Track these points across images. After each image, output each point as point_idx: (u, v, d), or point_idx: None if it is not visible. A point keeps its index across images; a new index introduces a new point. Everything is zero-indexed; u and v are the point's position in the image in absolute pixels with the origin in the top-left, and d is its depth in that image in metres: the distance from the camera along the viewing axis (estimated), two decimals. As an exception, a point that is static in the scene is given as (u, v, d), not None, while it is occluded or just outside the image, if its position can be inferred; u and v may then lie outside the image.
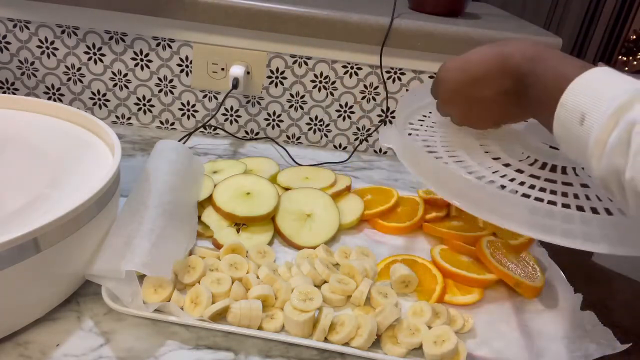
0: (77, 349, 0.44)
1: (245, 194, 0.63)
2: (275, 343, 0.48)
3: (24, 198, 0.46)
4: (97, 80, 0.85)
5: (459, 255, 0.61)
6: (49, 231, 0.41)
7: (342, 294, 0.52)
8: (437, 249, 0.62)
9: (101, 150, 0.55)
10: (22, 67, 0.83)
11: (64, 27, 0.80)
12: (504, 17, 1.02)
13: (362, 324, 0.47)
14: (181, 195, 0.60)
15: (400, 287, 0.55)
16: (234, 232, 0.60)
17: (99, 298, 0.47)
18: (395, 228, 0.66)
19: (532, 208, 0.45)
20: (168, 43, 0.81)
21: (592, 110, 0.37)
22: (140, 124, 0.89)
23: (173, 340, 0.47)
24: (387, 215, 0.68)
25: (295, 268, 0.55)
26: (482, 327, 0.53)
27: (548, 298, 0.58)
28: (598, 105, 0.37)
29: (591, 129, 0.37)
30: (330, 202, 0.65)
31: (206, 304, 0.48)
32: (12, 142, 0.55)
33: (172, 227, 0.54)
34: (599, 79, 0.39)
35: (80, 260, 0.48)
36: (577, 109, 0.39)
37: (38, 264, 0.42)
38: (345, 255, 0.59)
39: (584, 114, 0.38)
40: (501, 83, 0.48)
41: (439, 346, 0.47)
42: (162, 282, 0.49)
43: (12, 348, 0.43)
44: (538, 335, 0.52)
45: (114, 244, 0.50)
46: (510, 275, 0.56)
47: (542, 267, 0.61)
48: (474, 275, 0.57)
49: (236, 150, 0.85)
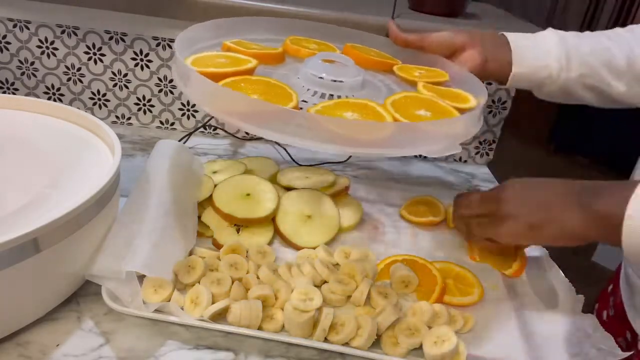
0: (77, 349, 0.44)
1: (245, 195, 0.63)
2: (275, 343, 0.48)
3: (24, 198, 0.46)
4: (97, 80, 0.85)
5: None
6: (49, 231, 0.41)
7: (342, 294, 0.52)
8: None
9: (101, 150, 0.55)
10: (22, 67, 0.83)
11: (64, 27, 0.80)
12: (504, 17, 1.02)
13: (362, 324, 0.47)
14: (181, 195, 0.60)
15: (400, 287, 0.55)
16: (234, 232, 0.60)
17: (99, 298, 0.47)
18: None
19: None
20: (168, 43, 0.81)
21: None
22: (140, 124, 0.89)
23: (173, 340, 0.47)
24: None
25: (295, 268, 0.55)
26: (482, 327, 0.53)
27: (548, 298, 0.57)
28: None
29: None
30: (330, 202, 0.65)
31: (206, 304, 0.48)
32: (12, 142, 0.55)
33: (172, 228, 0.54)
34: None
35: (80, 260, 0.48)
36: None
37: (38, 264, 0.42)
38: (345, 255, 0.59)
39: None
40: (567, 194, 0.48)
41: (439, 346, 0.47)
42: (162, 282, 0.49)
43: (12, 348, 0.43)
44: (538, 336, 0.52)
45: (114, 244, 0.50)
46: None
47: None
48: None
49: (236, 150, 0.85)
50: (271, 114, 0.47)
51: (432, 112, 0.53)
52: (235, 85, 0.51)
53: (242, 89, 0.50)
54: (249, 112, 0.47)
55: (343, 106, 0.52)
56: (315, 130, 0.46)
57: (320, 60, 0.58)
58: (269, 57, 0.61)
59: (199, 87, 0.49)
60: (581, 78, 0.60)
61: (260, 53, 0.60)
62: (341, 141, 0.46)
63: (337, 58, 0.59)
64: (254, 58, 0.57)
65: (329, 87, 0.56)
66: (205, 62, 0.54)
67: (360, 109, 0.51)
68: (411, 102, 0.55)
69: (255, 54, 0.59)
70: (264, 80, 0.53)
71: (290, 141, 0.46)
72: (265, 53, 0.61)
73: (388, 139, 0.48)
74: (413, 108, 0.53)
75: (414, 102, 0.55)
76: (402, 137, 0.48)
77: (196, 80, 0.49)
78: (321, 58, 0.59)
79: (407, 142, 0.48)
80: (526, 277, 0.61)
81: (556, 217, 0.48)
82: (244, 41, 0.63)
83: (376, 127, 0.48)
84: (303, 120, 0.46)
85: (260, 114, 0.47)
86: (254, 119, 0.47)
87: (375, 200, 0.73)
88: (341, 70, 0.58)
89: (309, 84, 0.57)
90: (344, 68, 0.58)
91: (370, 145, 0.47)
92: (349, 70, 0.58)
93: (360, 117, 0.50)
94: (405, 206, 0.72)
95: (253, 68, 0.55)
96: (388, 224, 0.69)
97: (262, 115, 0.47)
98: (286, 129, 0.46)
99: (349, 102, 0.53)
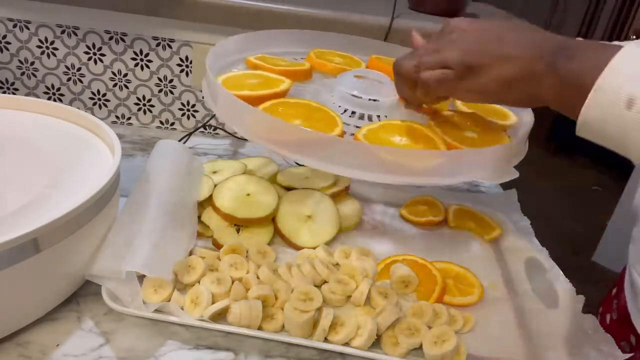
0: (77, 349, 0.44)
1: (245, 195, 0.63)
2: (275, 343, 0.48)
3: (24, 198, 0.46)
4: (97, 80, 0.85)
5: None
6: (49, 231, 0.41)
7: (342, 294, 0.52)
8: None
9: (101, 150, 0.55)
10: (22, 67, 0.83)
11: (64, 27, 0.80)
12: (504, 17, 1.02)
13: (362, 324, 0.47)
14: (181, 195, 0.60)
15: (400, 287, 0.55)
16: (234, 232, 0.60)
17: (99, 298, 0.47)
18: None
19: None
20: (168, 43, 0.81)
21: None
22: (140, 124, 0.89)
23: (173, 340, 0.47)
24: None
25: (295, 268, 0.55)
26: (482, 327, 0.53)
27: (548, 298, 0.57)
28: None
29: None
30: (330, 203, 0.65)
31: (206, 304, 0.48)
32: (12, 142, 0.55)
33: (172, 228, 0.54)
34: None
35: (80, 260, 0.48)
36: (621, 92, 0.35)
37: (38, 264, 0.42)
38: (345, 255, 0.59)
39: (633, 97, 0.35)
40: (531, 37, 0.42)
41: (439, 346, 0.47)
42: (162, 282, 0.49)
43: (12, 348, 0.43)
44: (538, 337, 0.52)
45: (114, 244, 0.50)
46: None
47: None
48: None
49: (236, 150, 0.85)
50: (318, 142, 0.44)
51: (478, 132, 0.51)
52: (274, 110, 0.49)
53: (281, 114, 0.48)
54: (295, 140, 0.45)
55: (389, 129, 0.49)
56: (365, 159, 0.43)
57: (353, 77, 0.56)
58: (298, 74, 0.60)
59: (238, 112, 0.47)
60: None
61: (289, 71, 0.59)
62: (393, 170, 0.44)
63: (370, 74, 0.57)
64: (285, 76, 0.56)
65: (366, 106, 0.54)
66: (237, 83, 0.53)
67: (407, 132, 0.49)
68: (456, 122, 0.53)
69: (285, 72, 0.58)
70: (302, 103, 0.52)
71: (338, 171, 0.43)
72: (295, 70, 0.60)
73: (441, 165, 0.45)
74: (459, 129, 0.51)
75: (459, 122, 0.53)
76: (457, 164, 0.46)
77: (235, 105, 0.47)
78: (355, 74, 0.56)
79: (461, 169, 0.46)
80: (526, 277, 0.61)
81: (517, 59, 0.41)
82: (266, 56, 0.63)
83: (433, 155, 0.46)
84: (354, 149, 0.44)
85: (306, 142, 0.44)
86: (299, 147, 0.44)
87: (375, 200, 0.73)
88: (377, 88, 0.56)
89: (343, 103, 0.55)
90: (379, 85, 0.56)
91: (423, 174, 0.45)
92: (384, 87, 0.56)
93: (409, 142, 0.47)
94: (405, 206, 0.72)
95: (287, 89, 0.54)
96: (388, 224, 0.69)
97: (308, 144, 0.44)
98: (337, 159, 0.43)
99: (394, 125, 0.51)
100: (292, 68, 0.60)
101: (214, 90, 0.50)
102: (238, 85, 0.52)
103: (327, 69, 0.63)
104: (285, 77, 0.56)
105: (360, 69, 0.60)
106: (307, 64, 0.62)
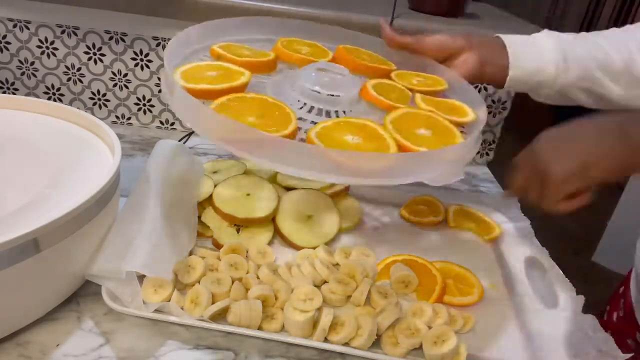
0: (77, 349, 0.44)
1: (245, 195, 0.63)
2: (275, 343, 0.48)
3: (24, 198, 0.46)
4: (97, 80, 0.85)
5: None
6: (49, 231, 0.41)
7: (342, 294, 0.52)
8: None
9: (101, 150, 0.55)
10: (22, 67, 0.83)
11: (64, 27, 0.80)
12: (504, 17, 1.02)
13: (362, 324, 0.47)
14: (181, 195, 0.60)
15: (400, 287, 0.55)
16: (234, 232, 0.60)
17: (99, 298, 0.47)
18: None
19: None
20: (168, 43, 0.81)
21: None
22: (140, 124, 0.89)
23: (173, 340, 0.47)
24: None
25: (295, 268, 0.55)
26: (482, 327, 0.53)
27: (548, 298, 0.57)
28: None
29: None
30: (330, 203, 0.65)
31: (206, 304, 0.48)
32: (12, 142, 0.55)
33: (172, 228, 0.54)
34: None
35: (80, 260, 0.48)
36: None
37: (38, 264, 0.42)
38: (345, 255, 0.59)
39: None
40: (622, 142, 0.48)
41: (439, 346, 0.47)
42: (162, 282, 0.49)
43: (12, 348, 0.43)
44: (538, 336, 0.52)
45: (114, 244, 0.50)
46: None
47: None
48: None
49: (236, 150, 0.84)
50: (267, 143, 0.44)
51: (432, 130, 0.51)
52: (228, 106, 0.48)
53: (235, 110, 0.48)
54: (246, 139, 0.45)
55: (343, 128, 0.50)
56: (316, 161, 0.44)
57: (314, 71, 0.56)
58: (261, 65, 0.59)
59: (190, 109, 0.47)
60: (578, 81, 0.60)
61: (252, 62, 0.58)
62: (343, 172, 0.44)
63: (332, 68, 0.58)
64: (246, 68, 0.55)
65: (326, 102, 0.54)
66: (196, 75, 0.52)
67: (360, 130, 0.49)
68: (411, 119, 0.53)
69: (247, 63, 0.57)
70: (258, 98, 0.51)
71: (289, 171, 0.44)
72: (258, 61, 0.58)
73: (390, 168, 0.46)
74: (413, 127, 0.52)
75: (413, 119, 0.53)
76: (405, 166, 0.47)
77: (187, 101, 0.46)
78: (316, 68, 0.57)
79: (409, 171, 0.46)
80: (526, 277, 0.61)
81: (598, 154, 0.48)
82: (232, 44, 0.61)
83: (381, 158, 0.46)
84: (305, 150, 0.44)
85: (256, 142, 0.44)
86: (251, 147, 0.44)
87: (375, 200, 0.73)
88: (337, 82, 0.56)
89: (304, 98, 0.55)
90: (339, 79, 0.56)
91: (372, 175, 0.45)
92: (345, 81, 0.56)
93: (362, 140, 0.48)
94: (406, 206, 0.72)
95: (246, 82, 0.53)
96: (388, 224, 0.69)
97: (260, 143, 0.44)
98: (287, 159, 0.44)
99: (349, 123, 0.51)
100: (255, 59, 0.59)
101: (171, 83, 0.49)
102: (197, 78, 0.51)
103: (293, 59, 0.62)
104: (246, 68, 0.55)
105: (322, 62, 0.59)
106: (271, 55, 0.61)
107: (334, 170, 0.44)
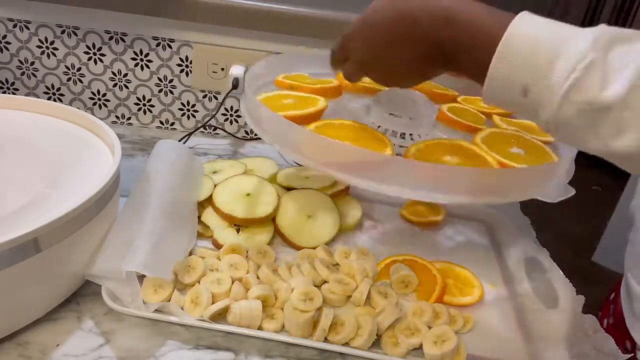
0: (77, 349, 0.44)
1: (245, 195, 0.63)
2: (275, 343, 0.48)
3: (24, 198, 0.46)
4: (97, 80, 0.85)
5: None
6: (49, 231, 0.41)
7: (342, 294, 0.52)
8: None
9: (101, 150, 0.55)
10: (22, 67, 0.83)
11: (64, 27, 0.80)
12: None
13: (362, 324, 0.47)
14: (181, 195, 0.60)
15: (400, 287, 0.55)
16: (233, 232, 0.60)
17: (99, 298, 0.47)
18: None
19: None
20: (168, 43, 0.81)
21: (536, 78, 0.33)
22: (140, 124, 0.89)
23: (173, 340, 0.47)
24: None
25: (295, 268, 0.55)
26: (482, 327, 0.53)
27: (548, 298, 0.57)
28: (540, 73, 0.33)
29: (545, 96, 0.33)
30: (330, 203, 0.65)
31: (206, 304, 0.48)
32: (12, 142, 0.55)
33: (172, 228, 0.54)
34: (526, 37, 0.35)
35: (80, 260, 0.48)
36: (514, 81, 0.34)
37: (38, 264, 0.42)
38: (345, 255, 0.59)
39: (526, 86, 0.34)
40: (415, 50, 0.42)
41: (439, 346, 0.47)
42: (162, 282, 0.49)
43: (12, 348, 0.43)
44: (538, 336, 0.52)
45: (114, 244, 0.50)
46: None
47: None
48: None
49: (236, 150, 0.85)
50: (373, 163, 0.43)
51: (525, 149, 0.50)
52: (323, 132, 0.48)
53: (331, 135, 0.46)
54: (349, 162, 0.43)
55: (437, 149, 0.49)
56: (420, 179, 0.43)
57: (393, 95, 0.56)
58: (328, 91, 0.59)
59: (285, 132, 0.47)
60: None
61: (321, 89, 0.59)
62: (448, 189, 0.43)
63: (407, 93, 0.58)
64: (318, 94, 0.55)
65: (406, 125, 0.54)
66: (275, 104, 0.52)
67: (455, 150, 0.48)
68: (501, 139, 0.52)
69: (317, 90, 0.57)
70: (347, 124, 0.51)
71: (394, 191, 0.42)
72: (325, 88, 0.59)
73: (496, 185, 0.44)
74: (505, 146, 0.51)
75: (503, 138, 0.53)
76: (510, 183, 0.45)
77: (284, 126, 0.46)
78: (393, 93, 0.57)
79: (516, 187, 0.45)
80: (526, 277, 0.61)
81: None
82: (289, 75, 0.63)
83: (508, 173, 0.45)
84: (412, 169, 0.43)
85: (361, 164, 0.43)
86: (351, 169, 0.43)
87: (375, 200, 0.73)
88: (414, 107, 0.56)
89: (384, 122, 0.54)
90: (416, 104, 0.56)
91: (476, 193, 0.43)
92: (422, 106, 0.56)
93: (461, 160, 0.46)
94: (405, 206, 0.72)
95: (325, 107, 0.53)
96: (388, 224, 0.69)
97: (361, 165, 0.43)
98: (390, 178, 0.42)
99: (441, 144, 0.50)
100: (323, 86, 0.60)
101: (258, 112, 0.50)
102: (276, 106, 0.52)
103: (355, 89, 0.63)
104: (317, 95, 0.56)
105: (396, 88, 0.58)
106: (334, 81, 0.62)
107: (440, 189, 0.43)
